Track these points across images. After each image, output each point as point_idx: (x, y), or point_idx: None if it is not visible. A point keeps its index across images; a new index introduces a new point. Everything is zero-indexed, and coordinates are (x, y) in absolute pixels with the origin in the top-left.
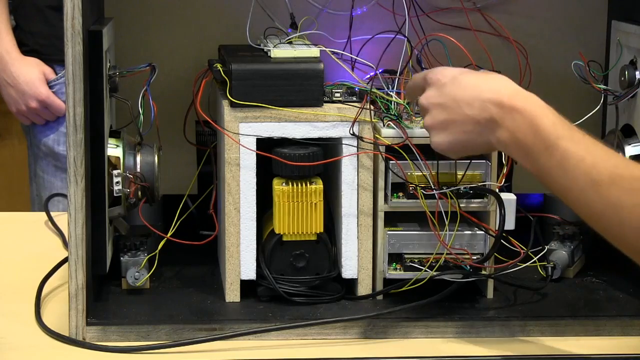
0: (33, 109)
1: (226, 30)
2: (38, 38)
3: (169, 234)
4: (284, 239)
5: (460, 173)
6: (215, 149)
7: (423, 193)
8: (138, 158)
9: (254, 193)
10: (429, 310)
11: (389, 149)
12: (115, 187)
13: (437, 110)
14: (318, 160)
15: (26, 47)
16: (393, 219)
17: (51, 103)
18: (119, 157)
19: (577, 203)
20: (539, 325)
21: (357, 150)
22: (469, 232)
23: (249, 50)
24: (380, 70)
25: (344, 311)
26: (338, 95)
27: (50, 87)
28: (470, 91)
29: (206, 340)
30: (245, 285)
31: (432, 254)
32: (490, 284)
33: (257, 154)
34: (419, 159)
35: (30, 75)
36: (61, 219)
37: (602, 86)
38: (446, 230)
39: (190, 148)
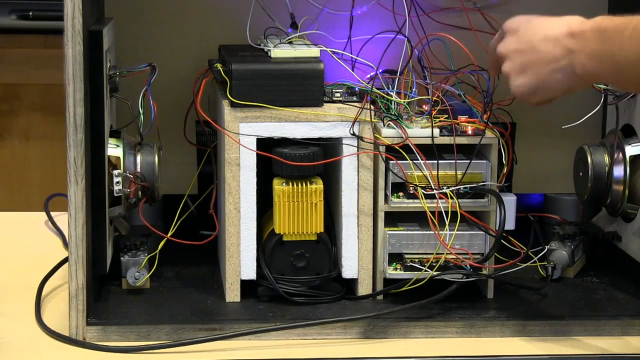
0: None
1: (226, 30)
2: None
3: (169, 234)
4: (284, 239)
5: (460, 173)
6: (216, 149)
7: (423, 193)
8: (138, 158)
9: (254, 193)
10: (429, 310)
11: (389, 149)
12: (116, 187)
13: (514, 54)
14: (318, 160)
15: None
16: (393, 219)
17: None
18: (119, 157)
19: None
20: (539, 325)
21: (357, 150)
22: (469, 232)
23: (249, 50)
24: (380, 70)
25: (344, 311)
26: (338, 95)
27: None
28: (543, 31)
29: (206, 340)
30: (245, 285)
31: (432, 254)
32: (490, 284)
33: (257, 154)
34: (419, 159)
35: None
36: (61, 219)
37: (603, 86)
38: (446, 230)
39: (190, 148)
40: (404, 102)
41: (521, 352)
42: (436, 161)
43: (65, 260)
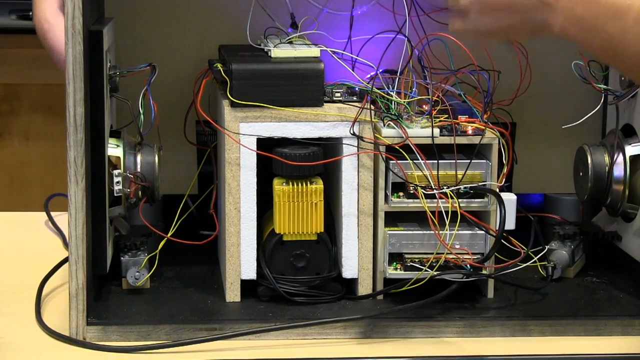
0: None
1: (226, 30)
2: None
3: (169, 234)
4: (284, 238)
5: (460, 173)
6: (216, 148)
7: (423, 193)
8: (138, 158)
9: (255, 193)
10: (429, 310)
11: (390, 148)
12: (116, 187)
13: None
14: (318, 160)
15: None
16: (393, 218)
17: None
18: (119, 157)
19: None
20: (539, 325)
21: (358, 150)
22: (469, 232)
23: (249, 50)
24: (380, 70)
25: (344, 311)
26: (338, 95)
27: None
28: None
29: (206, 340)
30: (245, 285)
31: (432, 253)
32: (491, 284)
33: (257, 154)
34: (419, 158)
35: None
36: (61, 219)
37: (603, 86)
38: (446, 230)
39: (190, 148)
40: (404, 102)
41: (521, 352)
42: (436, 161)
43: (65, 260)
